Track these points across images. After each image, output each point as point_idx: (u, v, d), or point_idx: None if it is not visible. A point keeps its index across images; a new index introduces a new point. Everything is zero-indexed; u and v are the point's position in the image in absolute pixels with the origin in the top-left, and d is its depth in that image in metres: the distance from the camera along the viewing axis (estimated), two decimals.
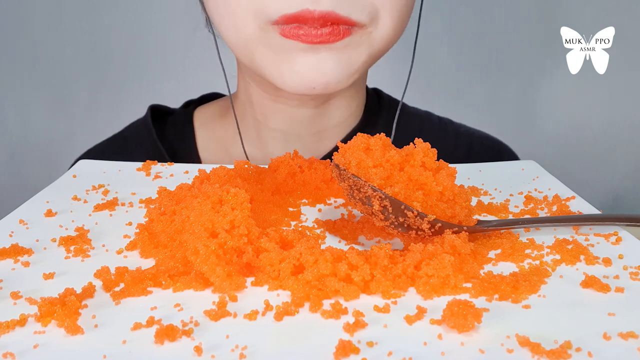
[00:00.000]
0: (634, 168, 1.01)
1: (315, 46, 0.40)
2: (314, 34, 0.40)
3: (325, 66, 0.41)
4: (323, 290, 0.26)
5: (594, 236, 0.32)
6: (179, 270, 0.28)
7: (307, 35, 0.40)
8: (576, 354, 0.21)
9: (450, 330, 0.23)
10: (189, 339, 0.23)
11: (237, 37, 0.43)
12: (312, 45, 0.40)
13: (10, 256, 0.30)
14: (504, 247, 0.30)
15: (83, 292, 0.26)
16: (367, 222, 0.34)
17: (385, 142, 0.33)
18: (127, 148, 0.55)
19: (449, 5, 0.94)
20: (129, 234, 0.33)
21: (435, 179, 0.31)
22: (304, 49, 0.41)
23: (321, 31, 0.39)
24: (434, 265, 0.26)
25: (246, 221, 0.29)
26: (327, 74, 0.41)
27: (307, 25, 0.39)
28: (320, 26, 0.39)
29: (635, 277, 0.27)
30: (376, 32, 0.42)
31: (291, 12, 0.39)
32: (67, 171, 0.44)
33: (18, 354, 0.22)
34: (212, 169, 0.37)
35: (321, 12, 0.39)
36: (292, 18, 0.39)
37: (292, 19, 0.39)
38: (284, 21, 0.40)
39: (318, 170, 0.40)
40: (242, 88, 0.53)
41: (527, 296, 0.26)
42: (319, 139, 0.52)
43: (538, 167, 0.45)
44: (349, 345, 0.22)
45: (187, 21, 0.53)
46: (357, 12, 0.40)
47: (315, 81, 0.41)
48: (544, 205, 0.37)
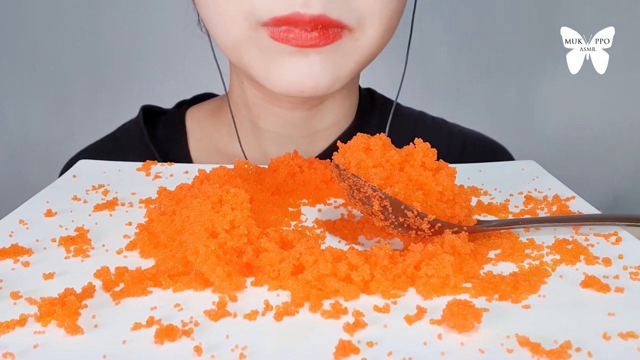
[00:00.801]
0: (633, 168, 1.01)
1: (305, 50, 0.40)
2: (304, 37, 0.40)
3: (314, 70, 0.41)
4: (323, 290, 0.26)
5: (594, 236, 0.32)
6: (178, 270, 0.28)
7: (298, 39, 0.40)
8: (576, 354, 0.21)
9: (450, 330, 0.23)
10: (189, 339, 0.23)
11: (226, 38, 0.43)
12: (301, 48, 0.40)
13: (10, 256, 0.30)
14: (503, 247, 0.30)
15: (83, 292, 0.26)
16: (367, 222, 0.34)
17: (385, 142, 0.33)
18: (119, 149, 0.55)
19: (449, 5, 0.94)
20: (129, 234, 0.33)
21: (435, 179, 0.31)
22: (294, 52, 0.41)
23: (311, 35, 0.40)
24: (434, 265, 0.26)
25: (246, 221, 0.29)
26: (316, 78, 0.41)
27: (298, 29, 0.39)
28: (310, 29, 0.39)
29: (635, 277, 0.27)
30: (364, 39, 0.42)
31: (281, 15, 0.39)
32: (62, 172, 0.44)
33: (18, 354, 0.22)
34: (212, 169, 0.37)
35: (312, 16, 0.39)
36: (282, 20, 0.39)
37: (283, 21, 0.39)
38: (274, 23, 0.40)
39: (318, 170, 0.40)
40: (235, 88, 0.53)
41: (527, 296, 0.26)
42: (312, 141, 0.52)
43: (538, 167, 0.45)
44: (349, 345, 0.22)
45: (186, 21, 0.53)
46: (346, 16, 0.40)
47: (304, 84, 0.42)
48: (543, 205, 0.37)
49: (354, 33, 0.42)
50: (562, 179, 0.42)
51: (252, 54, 0.42)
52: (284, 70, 0.41)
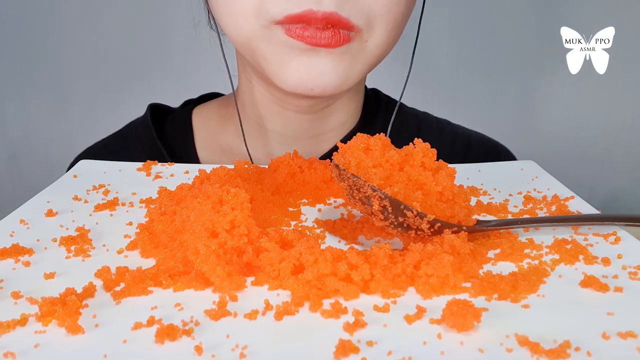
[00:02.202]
0: (633, 168, 1.01)
1: (317, 48, 0.41)
2: (318, 36, 0.40)
3: (323, 68, 0.42)
4: (323, 290, 0.26)
5: (593, 236, 0.32)
6: (179, 270, 0.28)
7: (312, 37, 0.40)
8: (575, 354, 0.21)
9: (450, 329, 0.23)
10: (190, 338, 0.23)
11: (239, 34, 0.43)
12: (314, 47, 0.41)
13: (11, 256, 0.30)
14: (503, 247, 0.30)
15: (84, 291, 0.26)
16: (367, 222, 0.34)
17: (384, 142, 0.33)
18: (126, 146, 0.56)
19: (449, 5, 0.94)
20: (130, 233, 0.33)
21: (435, 179, 0.32)
22: (306, 50, 0.41)
23: (325, 34, 0.40)
24: (434, 265, 0.26)
25: (246, 221, 0.29)
26: (325, 76, 0.42)
27: (312, 27, 0.40)
28: (323, 27, 0.40)
29: (634, 277, 0.27)
30: (372, 41, 0.43)
31: (295, 12, 0.40)
32: (68, 170, 0.44)
33: (19, 353, 0.22)
34: (212, 169, 0.37)
35: (324, 13, 0.39)
36: (296, 18, 0.40)
37: (297, 19, 0.40)
38: (288, 21, 0.40)
39: (318, 170, 0.40)
40: (243, 88, 0.53)
41: (526, 296, 0.26)
42: (318, 142, 0.53)
43: (537, 167, 0.45)
44: (349, 344, 0.22)
45: (187, 21, 0.53)
46: (356, 15, 0.41)
47: (313, 82, 0.42)
48: (543, 205, 0.37)
49: (363, 35, 0.42)
50: (562, 179, 0.42)
51: (265, 49, 0.43)
52: (296, 66, 0.42)
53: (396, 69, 0.58)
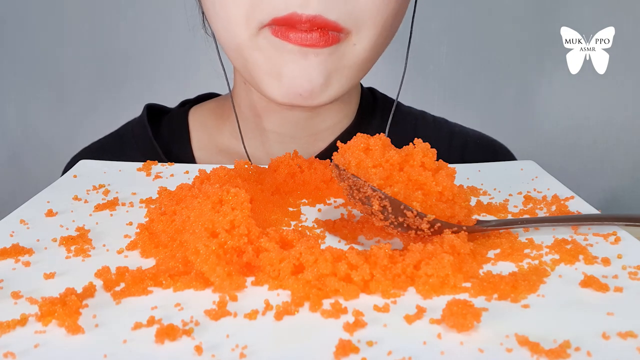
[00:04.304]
0: (632, 168, 1.01)
1: (304, 50, 0.41)
2: (303, 37, 0.40)
3: (312, 72, 0.42)
4: (323, 290, 0.26)
5: (593, 236, 0.32)
6: (179, 270, 0.28)
7: (298, 38, 0.40)
8: (575, 354, 0.21)
9: (450, 329, 0.23)
10: (190, 338, 0.23)
11: (231, 41, 0.44)
12: (300, 48, 0.41)
13: (11, 256, 0.30)
14: (503, 247, 0.30)
15: (84, 291, 0.26)
16: (367, 222, 0.34)
17: (384, 142, 0.33)
18: (123, 146, 0.56)
19: (448, 5, 0.94)
20: (130, 233, 0.33)
21: (435, 179, 0.32)
22: (294, 52, 0.41)
23: (311, 35, 0.40)
24: (434, 265, 0.26)
25: (246, 221, 0.29)
26: (313, 81, 0.42)
27: (296, 29, 0.40)
28: (308, 30, 0.40)
29: (634, 277, 0.27)
30: (360, 44, 0.43)
31: (281, 15, 0.40)
32: (68, 171, 0.44)
33: (19, 353, 0.22)
34: (212, 169, 0.37)
35: (308, 16, 0.39)
36: (282, 21, 0.40)
37: (282, 22, 0.40)
38: (275, 24, 0.41)
39: (318, 170, 0.40)
40: (239, 88, 0.53)
41: (526, 296, 0.26)
42: (314, 140, 0.53)
43: (537, 167, 0.45)
44: (349, 344, 0.22)
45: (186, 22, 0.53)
46: (344, 17, 0.41)
47: (302, 87, 0.42)
48: (542, 205, 0.37)
49: (351, 37, 0.42)
50: (561, 179, 0.42)
51: (256, 58, 0.43)
52: (283, 74, 0.42)
53: (396, 68, 0.58)
